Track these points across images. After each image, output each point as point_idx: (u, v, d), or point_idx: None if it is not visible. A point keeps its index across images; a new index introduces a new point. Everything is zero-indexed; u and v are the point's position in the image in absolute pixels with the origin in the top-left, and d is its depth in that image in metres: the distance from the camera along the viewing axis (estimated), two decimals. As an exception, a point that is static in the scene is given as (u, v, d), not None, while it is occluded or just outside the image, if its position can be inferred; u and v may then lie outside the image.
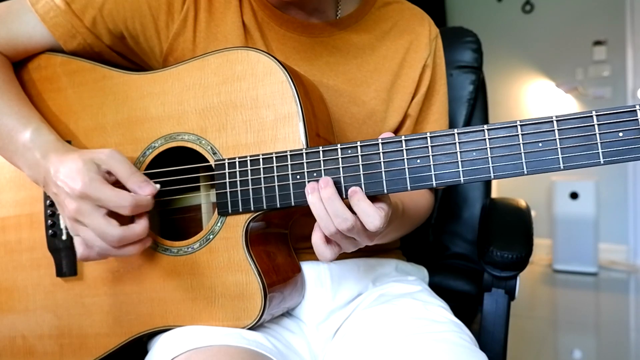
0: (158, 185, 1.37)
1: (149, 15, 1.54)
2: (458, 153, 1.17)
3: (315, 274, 1.59)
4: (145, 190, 1.33)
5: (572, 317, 5.61)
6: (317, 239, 1.27)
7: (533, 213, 2.07)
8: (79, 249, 1.35)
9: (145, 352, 1.46)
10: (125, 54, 1.61)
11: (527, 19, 7.93)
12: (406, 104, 1.72)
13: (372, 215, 1.18)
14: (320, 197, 1.22)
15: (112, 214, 1.31)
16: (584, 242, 6.95)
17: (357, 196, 1.20)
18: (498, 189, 7.60)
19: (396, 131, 1.76)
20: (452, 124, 2.29)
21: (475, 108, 2.39)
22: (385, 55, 1.70)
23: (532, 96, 7.98)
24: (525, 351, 4.64)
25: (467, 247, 2.40)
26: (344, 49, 1.67)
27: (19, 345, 1.59)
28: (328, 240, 1.27)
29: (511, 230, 1.89)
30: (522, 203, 2.14)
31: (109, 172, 1.35)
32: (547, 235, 7.54)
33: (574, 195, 7.05)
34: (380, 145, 1.23)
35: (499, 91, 7.91)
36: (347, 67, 1.66)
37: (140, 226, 1.33)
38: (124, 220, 1.32)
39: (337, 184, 1.24)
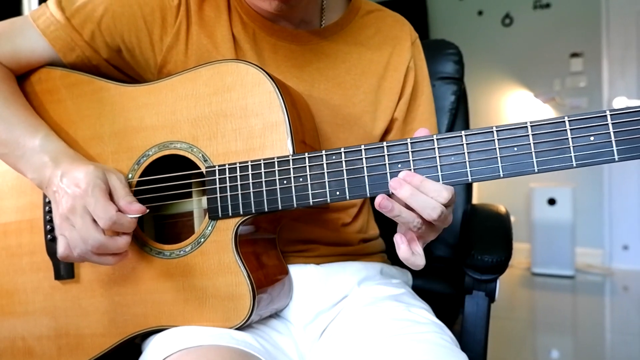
0: (147, 210, 1.38)
1: (144, 29, 1.55)
2: (437, 158, 1.18)
3: (303, 276, 1.59)
4: (131, 208, 1.35)
5: (550, 318, 5.62)
6: (404, 254, 1.26)
7: (512, 218, 2.08)
8: (60, 248, 1.36)
9: (138, 353, 1.46)
10: (121, 68, 1.62)
11: (507, 32, 7.97)
12: (393, 104, 1.73)
13: (439, 190, 1.18)
14: (400, 199, 1.21)
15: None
16: (561, 246, 6.97)
17: (417, 178, 1.19)
18: (479, 195, 7.61)
19: (385, 135, 1.77)
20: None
21: (456, 117, 2.39)
22: (371, 59, 1.72)
23: (512, 106, 8.00)
24: (505, 351, 4.64)
25: (449, 251, 2.40)
26: (332, 55, 1.68)
27: (18, 347, 1.59)
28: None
29: (491, 235, 1.90)
30: (502, 209, 2.14)
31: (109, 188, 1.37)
32: (526, 240, 7.55)
33: (551, 201, 7.08)
34: (363, 151, 1.24)
35: (480, 101, 7.94)
36: (337, 72, 1.67)
37: (123, 240, 1.34)
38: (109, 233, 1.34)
39: (322, 189, 1.26)
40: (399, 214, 1.20)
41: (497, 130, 1.15)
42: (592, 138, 1.09)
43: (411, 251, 1.26)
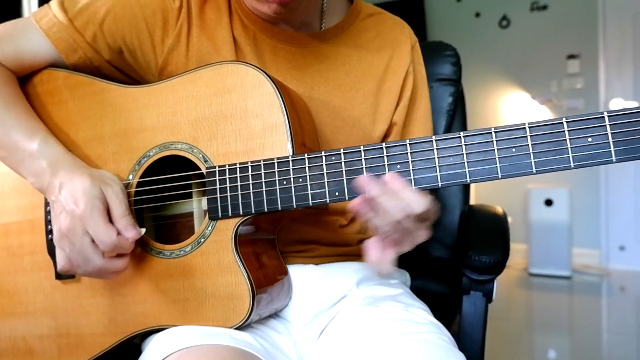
0: (143, 230, 1.38)
1: (146, 31, 1.55)
2: (436, 159, 1.19)
3: (303, 276, 1.59)
4: (129, 233, 1.35)
5: (546, 318, 5.62)
6: (373, 258, 1.28)
7: (509, 219, 2.07)
8: (61, 262, 1.37)
9: (138, 352, 1.46)
10: (122, 69, 1.62)
11: (504, 33, 7.97)
12: (392, 107, 1.74)
13: (417, 198, 1.18)
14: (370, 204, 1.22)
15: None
16: (558, 247, 6.97)
17: (397, 184, 1.20)
18: (476, 196, 7.61)
19: (383, 139, 1.76)
20: (432, 134, 2.31)
21: (454, 119, 2.40)
22: (371, 62, 1.72)
23: (509, 107, 8.00)
24: (502, 351, 4.64)
25: (446, 252, 2.40)
26: (332, 57, 1.68)
27: (19, 346, 1.59)
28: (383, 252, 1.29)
29: (489, 236, 1.89)
30: (499, 209, 2.14)
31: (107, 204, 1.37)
32: (523, 241, 7.54)
33: (548, 202, 7.08)
34: (362, 152, 1.24)
35: (477, 103, 7.94)
36: (337, 74, 1.67)
37: (121, 262, 1.37)
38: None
39: (321, 189, 1.26)
40: (374, 217, 1.22)
41: (495, 132, 1.15)
42: (589, 139, 1.09)
43: (381, 257, 1.29)
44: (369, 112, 1.70)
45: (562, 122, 1.11)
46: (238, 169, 1.35)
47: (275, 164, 1.31)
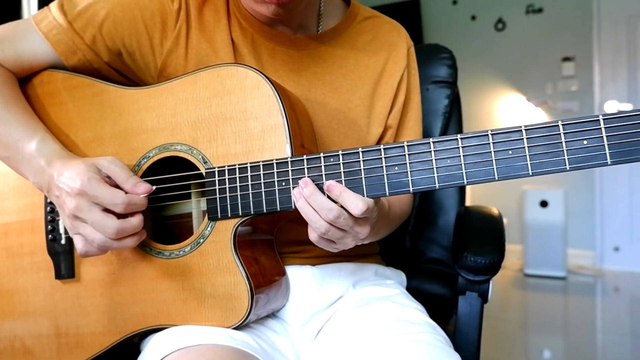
0: (154, 187, 1.38)
1: (145, 33, 1.55)
2: (433, 160, 1.19)
3: (300, 277, 1.59)
4: (139, 188, 1.34)
5: (542, 319, 5.62)
6: (313, 237, 1.29)
7: (505, 220, 2.08)
8: (79, 245, 1.36)
9: (137, 352, 1.47)
10: (122, 71, 1.62)
11: (500, 36, 7.97)
12: (386, 110, 1.74)
13: (354, 201, 1.20)
14: (305, 198, 1.24)
15: (108, 211, 1.32)
16: (553, 247, 6.97)
17: (337, 189, 1.22)
18: (472, 197, 7.61)
19: (378, 142, 1.76)
20: (428, 136, 2.30)
21: (450, 121, 2.40)
22: (367, 65, 1.72)
23: (504, 110, 8.00)
24: (498, 352, 4.64)
25: (442, 253, 2.39)
26: (329, 60, 1.69)
27: (18, 346, 1.59)
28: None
29: (484, 237, 1.90)
30: (495, 211, 2.15)
31: (108, 177, 1.36)
32: (518, 241, 7.55)
33: (543, 204, 7.08)
34: (360, 154, 1.24)
35: (473, 105, 7.93)
36: (333, 77, 1.68)
37: (137, 219, 1.34)
38: (120, 217, 1.33)
39: (319, 190, 1.25)
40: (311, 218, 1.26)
41: (492, 134, 1.16)
42: (585, 142, 1.09)
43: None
44: (365, 115, 1.70)
45: (558, 125, 1.11)
46: (237, 170, 1.35)
47: (274, 165, 1.31)
